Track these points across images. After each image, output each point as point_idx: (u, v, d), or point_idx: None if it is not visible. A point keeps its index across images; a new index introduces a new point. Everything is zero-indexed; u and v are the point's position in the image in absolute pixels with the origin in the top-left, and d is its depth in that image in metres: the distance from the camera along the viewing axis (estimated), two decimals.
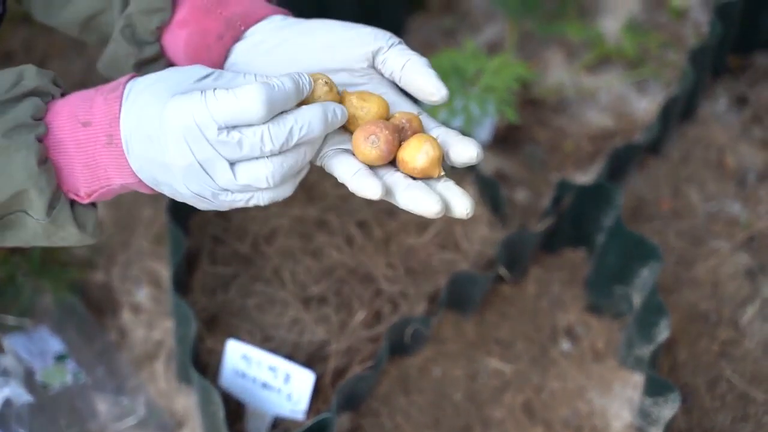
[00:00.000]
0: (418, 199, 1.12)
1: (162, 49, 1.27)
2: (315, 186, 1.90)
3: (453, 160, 1.16)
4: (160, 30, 1.25)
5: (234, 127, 1.07)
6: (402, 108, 1.20)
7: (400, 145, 1.15)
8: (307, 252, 1.82)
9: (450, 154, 1.16)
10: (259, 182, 1.09)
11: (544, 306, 1.87)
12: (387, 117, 1.18)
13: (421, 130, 1.17)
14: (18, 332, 1.77)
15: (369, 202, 1.88)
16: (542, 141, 2.08)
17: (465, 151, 1.15)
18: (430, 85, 1.16)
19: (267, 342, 1.74)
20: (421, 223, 1.86)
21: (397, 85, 1.21)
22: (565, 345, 1.84)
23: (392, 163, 1.15)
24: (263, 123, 1.07)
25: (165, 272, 1.88)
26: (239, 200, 1.11)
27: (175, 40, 1.25)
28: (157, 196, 1.94)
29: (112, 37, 1.27)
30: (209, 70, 1.12)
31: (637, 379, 1.79)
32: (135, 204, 1.95)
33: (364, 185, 1.11)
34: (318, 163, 1.17)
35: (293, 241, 1.83)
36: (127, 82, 1.13)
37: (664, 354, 1.80)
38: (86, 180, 1.14)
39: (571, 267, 1.92)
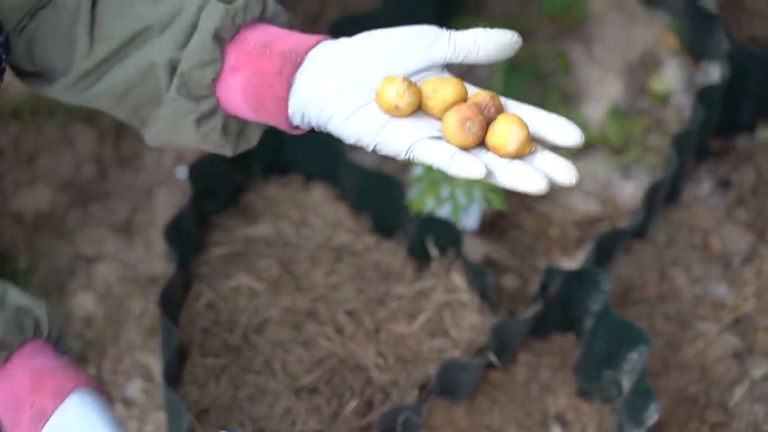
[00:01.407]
0: (521, 177, 1.15)
1: (217, 102, 1.31)
2: (304, 276, 1.92)
3: (552, 142, 1.19)
4: (214, 82, 1.29)
5: None
6: (470, 90, 1.23)
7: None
8: (297, 342, 1.83)
9: (546, 136, 1.19)
10: None
11: (534, 391, 1.88)
12: (466, 96, 1.20)
13: (501, 108, 1.20)
14: None
15: (358, 291, 1.90)
16: (529, 227, 2.10)
17: (567, 135, 1.18)
18: (507, 37, 1.21)
19: None
20: (411, 312, 1.88)
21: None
22: (556, 430, 1.85)
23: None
24: None
25: (156, 365, 1.89)
26: None
27: (229, 87, 1.29)
28: (146, 291, 1.96)
29: (167, 99, 1.30)
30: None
31: None
32: (125, 297, 1.97)
33: (466, 166, 1.14)
34: (406, 157, 1.19)
35: (283, 331, 1.84)
36: (52, 413, 1.24)
37: None
38: None
39: (560, 352, 1.93)
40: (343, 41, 1.27)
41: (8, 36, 1.36)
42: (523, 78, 2.27)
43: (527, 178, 1.15)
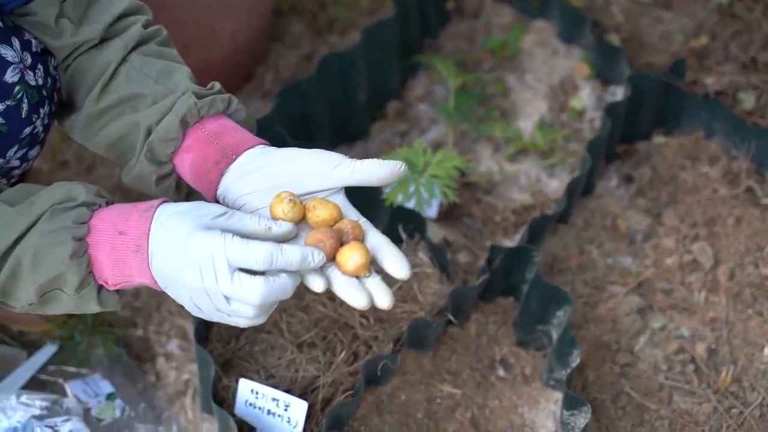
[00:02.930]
0: (350, 294, 1.17)
1: (174, 167, 1.30)
2: None
3: (386, 270, 1.20)
4: (173, 154, 1.29)
5: (239, 269, 1.11)
6: (350, 213, 1.24)
7: (342, 245, 1.17)
8: (299, 308, 1.83)
9: (384, 264, 1.20)
10: (245, 313, 1.13)
11: (483, 342, 1.88)
12: (339, 218, 1.21)
13: (361, 235, 1.20)
14: (77, 378, 1.78)
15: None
16: (477, 215, 2.10)
17: (397, 270, 1.19)
18: (396, 167, 1.21)
19: (270, 379, 1.74)
20: (387, 283, 1.85)
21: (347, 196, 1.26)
22: (501, 372, 1.85)
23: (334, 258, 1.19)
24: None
25: (189, 327, 1.90)
26: (226, 319, 1.15)
27: (182, 161, 1.29)
28: None
29: (138, 159, 1.31)
30: (224, 209, 1.16)
31: (558, 396, 1.80)
32: None
33: (312, 281, 1.17)
34: None
35: (288, 300, 1.82)
36: (159, 205, 1.17)
37: (577, 376, 1.82)
38: (114, 275, 1.18)
39: (503, 312, 1.93)
40: (273, 150, 1.27)
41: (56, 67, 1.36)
42: (471, 100, 2.26)
43: (354, 295, 1.17)
